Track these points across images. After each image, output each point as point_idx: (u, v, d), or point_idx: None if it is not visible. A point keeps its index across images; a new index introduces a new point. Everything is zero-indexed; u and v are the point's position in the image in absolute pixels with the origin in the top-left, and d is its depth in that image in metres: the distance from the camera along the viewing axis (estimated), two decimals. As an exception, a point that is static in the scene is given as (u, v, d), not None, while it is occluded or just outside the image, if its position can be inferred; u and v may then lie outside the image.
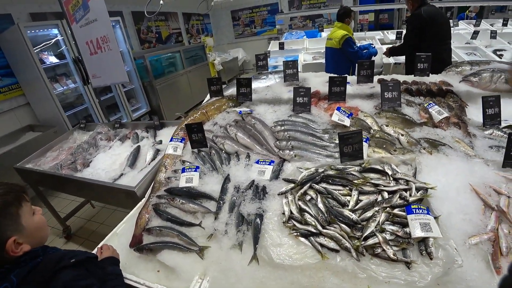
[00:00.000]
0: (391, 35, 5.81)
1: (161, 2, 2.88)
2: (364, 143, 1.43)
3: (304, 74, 2.19)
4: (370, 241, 1.06)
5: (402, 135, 1.58)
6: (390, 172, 1.32)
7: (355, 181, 1.28)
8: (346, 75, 1.90)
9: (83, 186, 2.12)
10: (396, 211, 1.16)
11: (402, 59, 3.93)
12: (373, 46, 3.99)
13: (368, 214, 1.16)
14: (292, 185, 1.30)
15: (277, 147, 1.57)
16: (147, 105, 5.90)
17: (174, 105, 6.34)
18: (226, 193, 1.37)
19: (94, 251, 1.27)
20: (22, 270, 0.86)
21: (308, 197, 1.25)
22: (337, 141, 1.57)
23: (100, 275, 1.05)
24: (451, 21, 4.42)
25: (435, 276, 0.93)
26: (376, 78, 2.08)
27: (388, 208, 1.17)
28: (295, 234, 1.11)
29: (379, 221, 1.13)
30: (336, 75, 1.81)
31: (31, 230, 0.94)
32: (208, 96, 2.44)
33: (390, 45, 4.11)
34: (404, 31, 3.84)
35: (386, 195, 1.22)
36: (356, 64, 2.11)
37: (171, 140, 1.71)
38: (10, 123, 4.29)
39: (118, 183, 1.92)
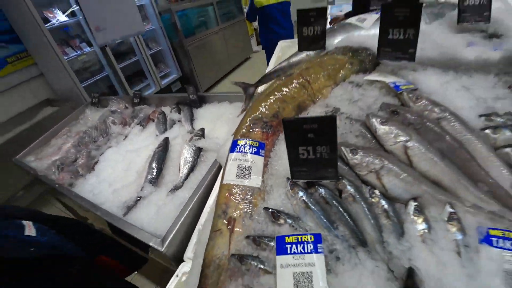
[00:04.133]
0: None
1: None
2: None
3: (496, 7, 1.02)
4: None
5: None
6: None
7: None
8: None
9: (80, 209, 1.28)
10: None
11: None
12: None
13: None
14: None
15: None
16: (177, 70, 4.95)
17: (209, 69, 5.36)
18: None
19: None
20: None
21: None
22: None
23: None
24: None
25: None
26: None
27: None
28: None
29: None
30: None
31: None
32: (273, 57, 1.41)
33: None
34: None
35: None
36: None
37: (233, 149, 0.73)
38: (25, 98, 3.61)
39: (133, 217, 1.04)
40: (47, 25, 3.26)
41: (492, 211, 0.57)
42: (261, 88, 1.18)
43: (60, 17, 3.66)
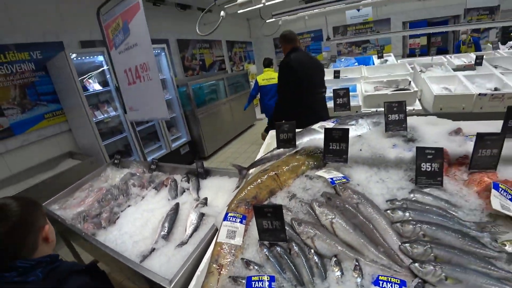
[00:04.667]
0: (455, 59, 4.94)
1: (222, 14, 2.48)
2: None
3: (410, 120, 1.52)
4: None
5: None
6: None
7: None
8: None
9: (104, 255, 1.62)
10: None
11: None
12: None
13: None
14: None
15: (405, 254, 0.93)
16: (187, 135, 5.56)
17: (215, 136, 5.96)
18: None
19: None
20: (45, 269, 0.97)
21: None
22: (509, 249, 0.90)
23: None
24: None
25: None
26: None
27: None
28: None
29: None
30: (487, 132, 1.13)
31: (51, 228, 1.16)
32: (264, 145, 1.88)
33: None
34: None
35: None
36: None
37: (225, 218, 1.14)
38: (52, 149, 4.20)
39: (148, 264, 1.38)
40: (85, 92, 3.93)
41: (384, 264, 0.93)
42: (251, 171, 1.62)
43: (95, 86, 4.38)
